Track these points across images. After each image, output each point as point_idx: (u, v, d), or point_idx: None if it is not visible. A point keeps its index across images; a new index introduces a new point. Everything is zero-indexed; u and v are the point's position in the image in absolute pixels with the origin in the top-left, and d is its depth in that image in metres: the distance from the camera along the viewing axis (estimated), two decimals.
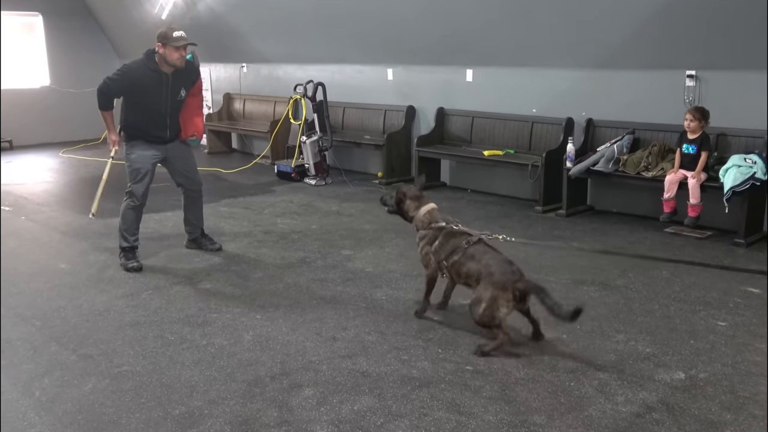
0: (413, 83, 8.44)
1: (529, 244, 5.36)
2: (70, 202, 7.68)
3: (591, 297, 4.44)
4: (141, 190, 5.05)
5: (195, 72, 5.19)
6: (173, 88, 4.96)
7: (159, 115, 4.99)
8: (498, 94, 7.58)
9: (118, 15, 11.95)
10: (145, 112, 4.97)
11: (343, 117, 9.24)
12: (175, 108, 5.06)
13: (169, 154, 5.16)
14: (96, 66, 12.50)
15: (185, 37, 4.81)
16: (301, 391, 3.23)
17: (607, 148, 6.30)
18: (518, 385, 3.27)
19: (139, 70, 4.88)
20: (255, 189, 8.12)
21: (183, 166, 5.27)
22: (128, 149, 5.06)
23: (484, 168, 7.70)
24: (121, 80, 4.89)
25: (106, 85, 4.91)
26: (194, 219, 5.53)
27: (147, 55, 4.90)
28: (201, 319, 4.15)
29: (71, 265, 5.26)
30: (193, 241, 5.57)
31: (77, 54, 12.46)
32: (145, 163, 5.04)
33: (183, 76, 5.00)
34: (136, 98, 4.94)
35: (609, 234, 5.98)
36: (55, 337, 3.91)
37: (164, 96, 4.94)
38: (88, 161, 10.22)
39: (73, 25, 12.34)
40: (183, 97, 5.08)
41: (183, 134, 5.23)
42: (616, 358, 3.56)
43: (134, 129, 5.02)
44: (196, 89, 5.25)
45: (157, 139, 5.05)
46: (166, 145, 5.11)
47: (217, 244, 5.55)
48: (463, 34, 7.41)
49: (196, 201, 5.47)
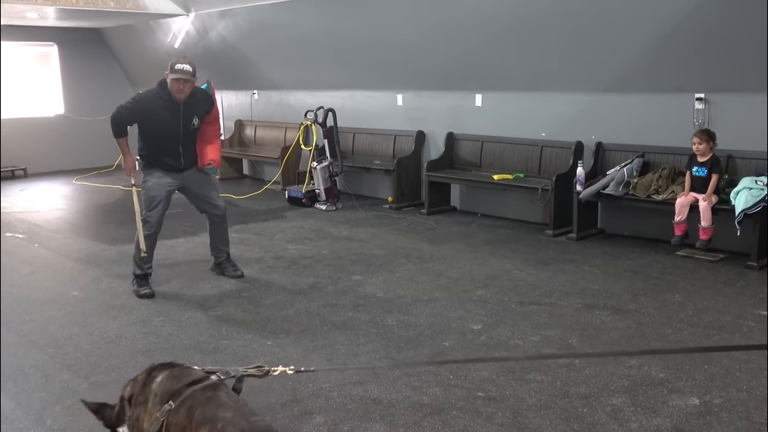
0: (423, 108, 8.49)
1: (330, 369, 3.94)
2: (83, 229, 7.74)
3: (603, 321, 4.41)
4: (155, 217, 5.09)
5: (209, 101, 5.24)
6: (185, 117, 5.02)
7: (173, 144, 5.05)
8: (507, 119, 7.61)
9: (132, 44, 12.14)
10: (159, 141, 5.03)
11: (354, 142, 9.29)
12: (188, 136, 5.11)
13: (186, 182, 5.21)
14: (109, 94, 12.66)
15: (186, 71, 4.83)
16: (312, 419, 3.22)
17: (617, 172, 6.30)
18: (530, 411, 3.24)
19: (152, 99, 4.96)
20: (266, 214, 8.16)
21: (201, 192, 5.31)
22: (145, 177, 5.12)
23: (494, 192, 7.71)
24: (134, 108, 4.98)
25: (119, 113, 5.01)
26: (220, 243, 5.56)
27: (160, 84, 4.97)
28: (212, 345, 4.15)
29: (84, 292, 5.29)
30: (218, 266, 5.60)
31: (91, 83, 12.63)
32: (160, 191, 5.09)
33: (196, 105, 5.06)
34: (149, 127, 5.01)
35: (620, 257, 5.96)
36: (68, 364, 3.92)
37: (177, 125, 5.00)
38: (101, 188, 10.31)
39: (87, 55, 12.53)
40: (196, 125, 5.12)
41: (200, 162, 5.28)
42: (629, 383, 3.52)
43: (150, 157, 5.08)
44: (211, 117, 5.30)
45: (172, 167, 5.11)
46: (182, 173, 5.16)
47: (239, 270, 5.55)
48: (472, 60, 7.48)
49: (220, 225, 5.49)
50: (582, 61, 6.62)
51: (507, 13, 6.67)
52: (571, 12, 6.25)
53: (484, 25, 6.95)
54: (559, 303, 4.76)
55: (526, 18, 6.59)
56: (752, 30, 5.34)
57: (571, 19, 6.31)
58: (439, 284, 5.24)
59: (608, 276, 5.43)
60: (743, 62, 5.62)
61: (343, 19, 8.17)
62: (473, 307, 4.73)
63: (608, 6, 5.99)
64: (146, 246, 5.08)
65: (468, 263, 5.85)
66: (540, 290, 5.06)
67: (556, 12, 6.35)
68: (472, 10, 6.89)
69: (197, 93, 5.05)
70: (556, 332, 4.24)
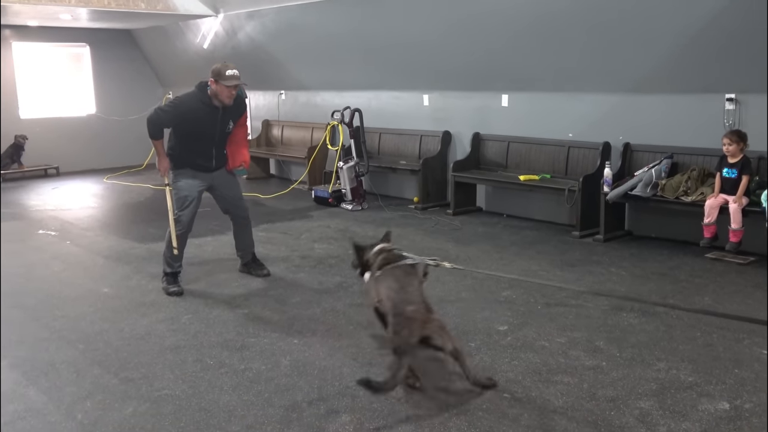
0: (449, 109, 8.49)
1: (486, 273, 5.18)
2: (114, 227, 7.87)
3: (630, 324, 4.38)
4: (187, 217, 5.15)
5: (242, 104, 5.28)
6: (223, 121, 5.08)
7: (207, 146, 5.11)
8: (534, 119, 7.58)
9: (162, 45, 12.30)
10: (194, 143, 5.07)
11: (380, 142, 9.32)
12: (222, 139, 5.18)
13: (214, 183, 5.27)
14: (140, 94, 12.94)
15: (237, 77, 4.89)
16: (338, 417, 3.24)
17: (645, 173, 6.23)
18: (557, 414, 3.23)
19: (191, 102, 4.98)
20: (292, 214, 8.22)
21: (228, 193, 5.37)
22: (175, 177, 5.17)
23: (520, 193, 7.68)
24: (173, 112, 5.00)
25: (157, 116, 5.03)
26: (244, 244, 5.61)
27: (199, 87, 5.00)
28: (239, 343, 4.20)
29: (114, 289, 5.38)
30: (245, 266, 5.66)
31: (122, 83, 12.83)
32: (192, 191, 5.15)
33: (232, 109, 5.10)
34: (186, 129, 5.03)
35: (648, 260, 5.90)
36: (98, 360, 3.99)
37: (214, 128, 5.05)
38: (131, 187, 10.47)
39: (118, 55, 12.73)
40: (231, 129, 5.19)
41: (230, 164, 5.33)
42: (657, 386, 3.49)
43: (182, 158, 5.12)
44: (242, 120, 5.36)
45: (203, 168, 5.16)
46: (212, 173, 5.22)
47: (265, 269, 5.60)
48: (499, 60, 7.45)
49: (245, 227, 5.55)
50: (610, 60, 6.56)
51: (532, 12, 6.64)
52: (597, 10, 6.20)
53: (510, 25, 6.93)
54: (585, 305, 4.72)
55: (553, 17, 6.55)
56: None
57: (598, 18, 6.26)
58: (465, 285, 5.23)
59: (636, 278, 5.39)
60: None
61: (370, 20, 8.20)
62: (499, 308, 4.72)
63: (637, 4, 5.93)
64: (177, 245, 5.14)
65: (494, 264, 5.83)
66: (566, 292, 5.03)
67: (583, 10, 6.30)
68: (498, 10, 6.87)
69: (237, 95, 5.10)
70: (582, 334, 4.21)
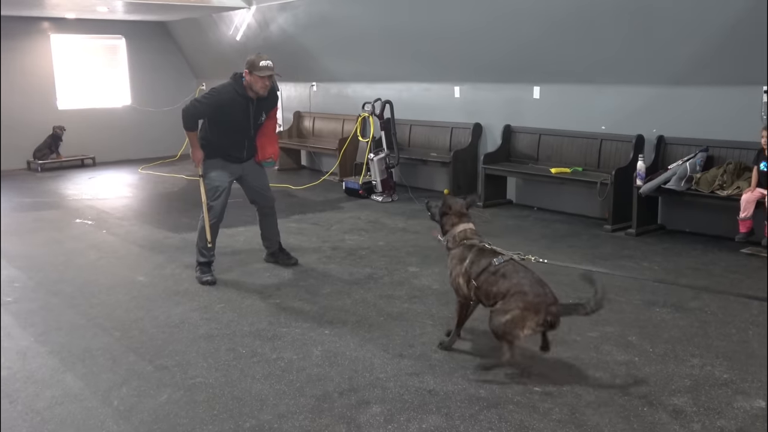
0: (480, 101, 8.44)
1: (566, 267, 5.20)
2: (148, 216, 7.98)
3: (663, 319, 4.33)
4: (219, 206, 5.22)
5: (275, 97, 5.32)
6: (256, 112, 5.13)
7: (240, 137, 5.16)
8: (566, 111, 7.51)
9: (195, 37, 12.42)
10: (227, 134, 5.13)
11: (410, 134, 9.31)
12: (255, 130, 5.22)
13: (244, 172, 5.32)
14: (174, 86, 13.10)
15: (271, 67, 4.92)
16: (368, 408, 3.26)
17: (680, 166, 6.14)
18: (589, 408, 3.21)
19: (227, 94, 5.01)
20: (323, 205, 8.26)
21: (257, 183, 5.43)
22: (207, 168, 5.22)
23: (551, 186, 7.62)
24: (209, 103, 5.02)
25: (194, 107, 5.06)
26: (270, 234, 5.67)
27: (234, 78, 5.04)
28: (271, 333, 4.25)
29: (148, 277, 5.47)
30: (271, 255, 5.72)
31: (156, 74, 13.00)
32: (223, 181, 5.21)
33: (265, 101, 5.15)
34: (220, 120, 5.07)
35: (681, 254, 5.82)
36: (133, 347, 4.07)
37: (248, 119, 5.10)
38: (165, 177, 10.61)
39: (153, 47, 12.89)
40: (263, 120, 5.24)
41: (260, 156, 5.37)
42: (691, 383, 3.45)
43: (214, 148, 5.17)
44: (273, 112, 5.40)
45: (235, 158, 5.22)
46: (242, 164, 5.28)
47: (293, 258, 5.67)
48: (531, 51, 7.39)
49: (271, 217, 5.61)
50: (644, 52, 6.46)
51: (567, 3, 6.57)
52: (632, 2, 6.11)
53: (543, 16, 6.86)
54: (617, 299, 4.68)
55: (586, 8, 6.48)
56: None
57: (632, 9, 6.17)
58: None
59: (669, 273, 5.32)
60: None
61: (402, 12, 8.18)
62: None
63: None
64: (209, 234, 5.21)
65: None
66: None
67: (617, 2, 6.21)
68: (531, 1, 6.80)
69: (270, 88, 5.12)
70: (615, 329, 4.18)
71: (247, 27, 10.64)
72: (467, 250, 3.75)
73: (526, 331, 3.41)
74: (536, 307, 3.40)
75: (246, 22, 10.55)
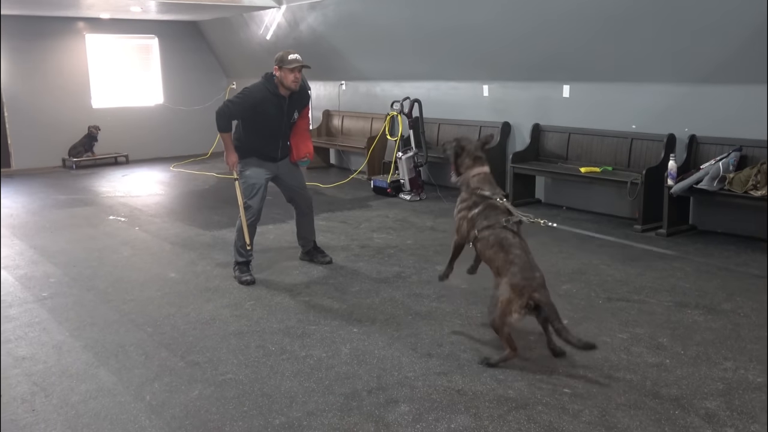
0: (509, 99, 8.40)
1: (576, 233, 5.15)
2: (180, 214, 8.09)
3: (695, 321, 4.28)
4: (256, 205, 5.27)
5: (306, 95, 5.36)
6: (288, 110, 5.17)
7: (274, 135, 5.20)
8: (596, 110, 7.44)
9: (226, 36, 12.54)
10: (261, 133, 5.17)
11: (439, 133, 9.29)
12: (288, 128, 5.27)
13: (279, 172, 5.37)
14: (205, 85, 13.26)
15: (299, 60, 4.96)
16: (397, 407, 3.28)
17: (712, 166, 6.05)
18: (619, 410, 3.19)
19: (260, 93, 5.05)
20: (352, 204, 8.30)
21: (293, 182, 5.48)
22: (242, 167, 5.27)
23: (581, 185, 7.55)
24: (243, 103, 5.05)
25: (227, 108, 5.08)
26: (306, 233, 5.72)
27: (266, 78, 5.08)
28: (300, 330, 4.28)
29: (180, 274, 5.55)
30: (307, 254, 5.77)
31: (188, 74, 13.15)
32: (260, 179, 5.26)
33: (297, 99, 5.19)
34: (254, 119, 5.11)
35: (714, 255, 5.73)
36: (165, 343, 4.14)
37: (280, 117, 5.14)
38: (196, 175, 10.75)
39: (185, 47, 13.04)
40: (295, 119, 5.28)
41: (295, 155, 5.41)
42: (724, 386, 3.41)
43: (248, 148, 5.22)
44: (305, 111, 5.43)
45: (269, 157, 5.26)
46: (277, 163, 5.32)
47: (327, 257, 5.71)
48: (561, 49, 7.33)
49: (307, 215, 5.66)
50: (675, 50, 6.37)
51: (598, 1, 6.50)
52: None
53: (574, 14, 6.80)
54: (648, 300, 4.64)
55: (619, 6, 6.40)
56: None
57: (665, 6, 6.08)
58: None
59: (701, 274, 5.25)
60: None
61: (430, 10, 8.17)
62: (559, 302, 4.61)
63: None
64: (248, 233, 5.25)
65: (553, 257, 5.77)
66: (628, 287, 4.95)
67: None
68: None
69: (301, 87, 5.15)
70: (645, 330, 4.14)
71: (277, 26, 10.71)
72: (479, 200, 3.83)
73: (515, 315, 3.50)
74: (520, 291, 3.50)
75: (276, 22, 10.63)
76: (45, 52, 11.66)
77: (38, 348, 4.09)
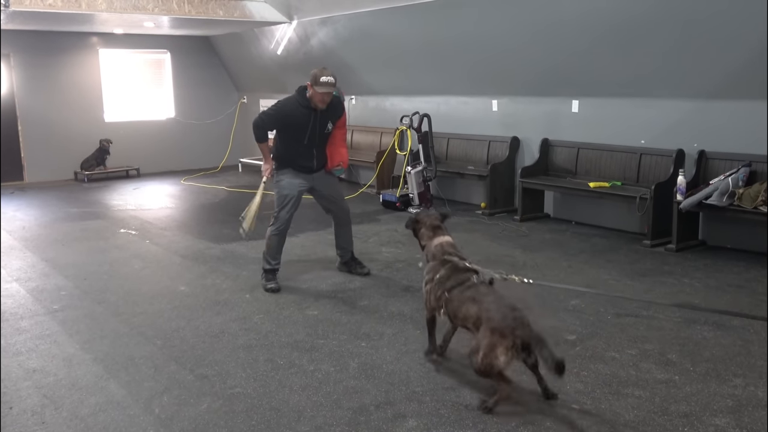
0: (518, 114, 8.43)
1: (551, 287, 5.11)
2: (190, 227, 8.14)
3: (704, 337, 4.26)
4: (286, 215, 5.37)
5: (340, 107, 5.48)
6: (321, 123, 5.27)
7: (307, 147, 5.31)
8: (605, 125, 7.45)
9: (238, 51, 12.65)
10: (294, 144, 5.29)
11: (448, 147, 9.33)
12: (322, 140, 5.37)
13: (315, 183, 5.47)
14: (216, 99, 13.38)
15: (331, 83, 5.08)
16: (405, 422, 3.28)
17: (721, 181, 6.04)
18: (627, 427, 3.18)
19: (291, 106, 5.23)
20: (361, 217, 8.31)
21: (330, 193, 5.58)
22: (278, 177, 5.41)
23: (590, 200, 7.55)
24: (276, 115, 5.26)
25: (261, 120, 5.30)
26: (344, 243, 5.79)
27: (299, 91, 5.24)
28: (309, 344, 4.30)
29: (190, 287, 5.58)
30: (345, 264, 5.83)
31: (200, 88, 13.26)
32: (293, 190, 5.36)
33: (330, 111, 5.31)
34: (287, 131, 5.28)
35: (723, 271, 5.71)
36: (175, 356, 4.16)
37: (313, 130, 5.25)
38: (207, 189, 10.80)
39: (197, 61, 13.14)
40: (330, 130, 5.38)
41: (329, 164, 5.52)
42: (733, 403, 3.40)
43: (284, 159, 5.36)
44: (341, 122, 5.53)
45: (305, 168, 5.38)
46: (312, 174, 5.43)
47: (366, 268, 5.78)
48: (570, 65, 7.36)
49: (345, 226, 5.74)
50: (685, 65, 6.39)
51: (607, 16, 6.53)
52: (673, 15, 6.05)
53: (583, 29, 6.83)
54: (657, 316, 4.63)
55: (627, 22, 6.43)
56: None
57: (674, 22, 6.11)
58: (532, 292, 5.19)
59: (710, 290, 5.24)
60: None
61: (440, 26, 8.22)
62: (567, 317, 4.68)
63: (714, 7, 5.76)
64: (274, 242, 5.40)
65: (562, 272, 5.77)
66: (636, 304, 4.94)
67: (658, 15, 6.16)
68: (570, 14, 6.78)
69: (332, 100, 5.28)
70: (654, 346, 4.13)
71: (288, 41, 10.81)
72: (440, 265, 3.79)
73: (501, 358, 3.21)
74: (502, 332, 3.24)
75: (287, 37, 10.73)
76: (59, 67, 11.80)
77: (49, 360, 4.13)
